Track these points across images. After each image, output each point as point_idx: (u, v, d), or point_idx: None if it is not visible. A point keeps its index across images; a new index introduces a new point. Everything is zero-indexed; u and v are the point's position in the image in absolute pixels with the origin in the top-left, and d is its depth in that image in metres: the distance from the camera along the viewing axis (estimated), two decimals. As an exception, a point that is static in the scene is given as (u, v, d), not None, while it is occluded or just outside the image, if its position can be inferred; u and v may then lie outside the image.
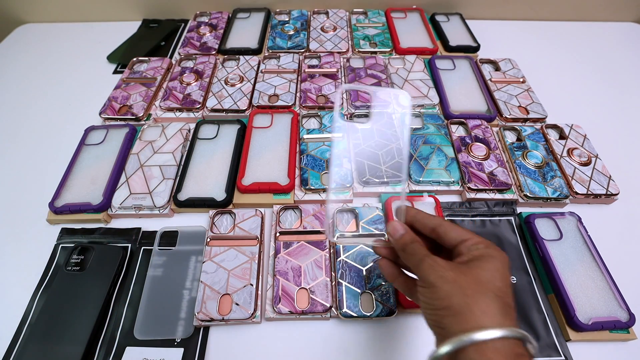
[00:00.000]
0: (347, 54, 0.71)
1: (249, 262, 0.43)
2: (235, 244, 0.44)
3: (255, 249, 0.44)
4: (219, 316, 0.38)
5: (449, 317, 0.24)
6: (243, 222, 0.46)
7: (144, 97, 0.61)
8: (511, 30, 0.81)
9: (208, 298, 0.40)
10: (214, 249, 0.44)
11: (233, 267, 0.42)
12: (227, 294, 0.40)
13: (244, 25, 0.77)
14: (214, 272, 0.42)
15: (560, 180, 0.50)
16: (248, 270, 0.42)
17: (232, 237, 0.45)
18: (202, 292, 0.40)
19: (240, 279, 0.41)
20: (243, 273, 0.42)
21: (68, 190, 0.49)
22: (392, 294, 0.40)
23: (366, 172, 0.50)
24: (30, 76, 0.72)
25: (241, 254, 0.43)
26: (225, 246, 0.44)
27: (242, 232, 0.45)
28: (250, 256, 0.43)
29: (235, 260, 0.43)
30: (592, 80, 0.70)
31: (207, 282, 0.41)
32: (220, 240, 0.45)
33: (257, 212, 0.47)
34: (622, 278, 0.41)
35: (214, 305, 0.39)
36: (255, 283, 0.41)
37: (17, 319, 0.40)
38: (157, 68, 0.67)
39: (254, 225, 0.46)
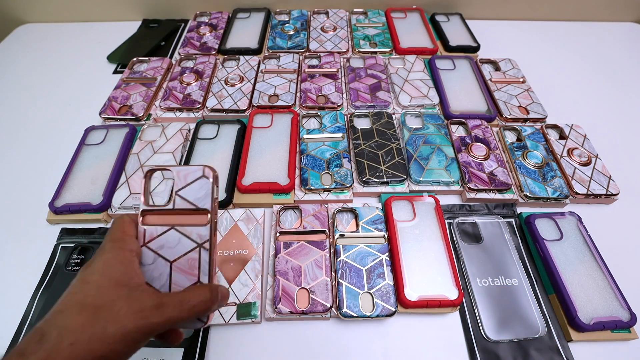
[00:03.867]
0: (347, 54, 0.71)
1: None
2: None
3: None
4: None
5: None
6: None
7: (144, 97, 0.61)
8: (511, 30, 0.81)
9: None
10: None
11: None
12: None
13: (244, 25, 0.77)
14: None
15: (560, 180, 0.50)
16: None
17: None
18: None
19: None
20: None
21: (68, 190, 0.49)
22: (392, 294, 0.40)
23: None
24: (30, 76, 0.72)
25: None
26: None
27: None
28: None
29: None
30: (592, 80, 0.70)
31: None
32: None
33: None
34: (622, 278, 0.41)
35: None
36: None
37: (17, 319, 0.40)
38: (157, 68, 0.67)
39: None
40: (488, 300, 0.41)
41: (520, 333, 0.39)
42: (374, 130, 0.55)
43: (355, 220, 0.46)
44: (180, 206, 0.30)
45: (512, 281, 0.42)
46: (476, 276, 0.43)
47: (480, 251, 0.45)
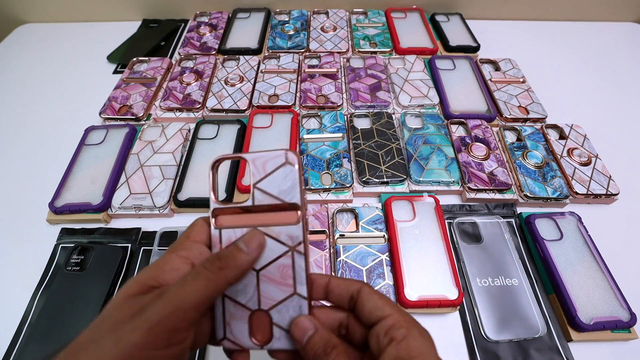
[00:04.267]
0: (347, 54, 0.71)
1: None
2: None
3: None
4: (250, 344, 0.27)
5: None
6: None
7: (144, 97, 0.61)
8: (511, 30, 0.81)
9: (232, 317, 0.27)
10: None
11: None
12: None
13: (244, 25, 0.77)
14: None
15: (560, 180, 0.50)
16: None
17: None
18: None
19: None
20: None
21: (68, 190, 0.49)
22: (392, 294, 0.40)
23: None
24: (30, 76, 0.72)
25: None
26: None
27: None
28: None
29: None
30: (592, 80, 0.70)
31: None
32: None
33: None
34: (623, 278, 0.41)
35: (243, 328, 0.27)
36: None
37: (17, 319, 0.40)
38: (157, 68, 0.67)
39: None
40: (488, 300, 0.41)
41: (520, 333, 0.39)
42: (374, 130, 0.55)
43: (355, 220, 0.46)
44: (262, 202, 0.25)
45: (512, 281, 0.42)
46: (476, 276, 0.43)
47: (480, 251, 0.45)
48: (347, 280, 0.24)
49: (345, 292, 0.24)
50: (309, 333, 0.22)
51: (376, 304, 0.22)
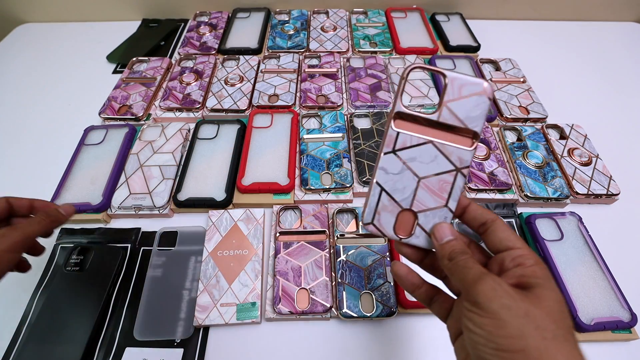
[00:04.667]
0: (347, 54, 0.71)
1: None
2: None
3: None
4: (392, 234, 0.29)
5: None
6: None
7: (143, 97, 0.61)
8: (511, 30, 0.81)
9: (384, 209, 0.29)
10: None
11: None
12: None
13: (243, 25, 0.77)
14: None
15: (561, 180, 0.50)
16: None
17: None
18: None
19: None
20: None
21: (67, 190, 0.49)
22: (392, 294, 0.40)
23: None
24: (30, 76, 0.72)
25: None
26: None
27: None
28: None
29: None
30: (592, 80, 0.70)
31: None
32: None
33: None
34: (623, 278, 0.41)
35: (390, 220, 0.28)
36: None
37: (17, 319, 0.40)
38: (156, 68, 0.67)
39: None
40: (488, 300, 0.41)
41: (521, 333, 0.39)
42: (374, 130, 0.55)
43: (356, 221, 0.46)
44: (447, 120, 0.26)
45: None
46: (476, 276, 0.43)
47: (480, 251, 0.45)
48: (485, 209, 0.27)
49: (481, 217, 0.27)
50: (450, 237, 0.26)
51: (509, 236, 0.25)
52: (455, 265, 0.24)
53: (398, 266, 0.29)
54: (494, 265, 0.25)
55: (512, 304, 0.21)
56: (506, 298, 0.21)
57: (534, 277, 0.22)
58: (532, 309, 0.21)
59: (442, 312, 0.27)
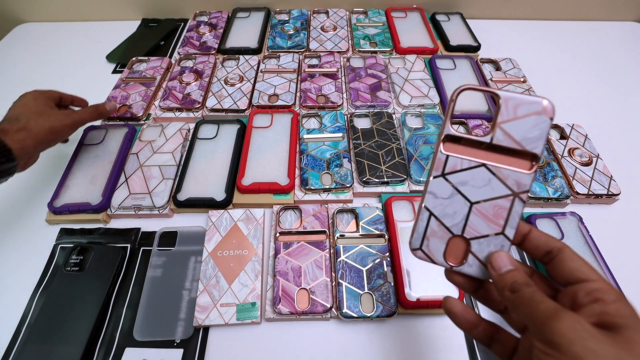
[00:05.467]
0: (347, 54, 0.71)
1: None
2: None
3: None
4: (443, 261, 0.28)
5: None
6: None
7: (143, 96, 0.61)
8: (512, 29, 0.81)
9: (433, 235, 0.28)
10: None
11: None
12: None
13: (243, 24, 0.77)
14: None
15: (561, 180, 0.50)
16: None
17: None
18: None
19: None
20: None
21: (67, 190, 0.49)
22: (392, 294, 0.40)
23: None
24: (29, 76, 0.71)
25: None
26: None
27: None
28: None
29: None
30: (593, 79, 0.70)
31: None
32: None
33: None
34: (623, 278, 0.41)
35: (440, 246, 0.27)
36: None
37: (16, 319, 0.40)
38: (156, 68, 0.67)
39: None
40: (489, 300, 0.41)
41: (521, 334, 0.39)
42: (374, 130, 0.55)
43: (356, 221, 0.46)
44: (501, 142, 0.24)
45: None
46: (477, 276, 0.43)
47: (480, 251, 0.45)
48: (549, 236, 0.25)
49: (545, 245, 0.24)
50: (510, 267, 0.24)
51: (580, 267, 0.22)
52: (520, 298, 0.22)
53: (452, 303, 0.26)
54: (564, 300, 0.22)
55: (598, 348, 0.18)
56: (591, 340, 0.18)
57: (619, 316, 0.20)
58: (623, 355, 0.18)
59: (505, 353, 0.25)
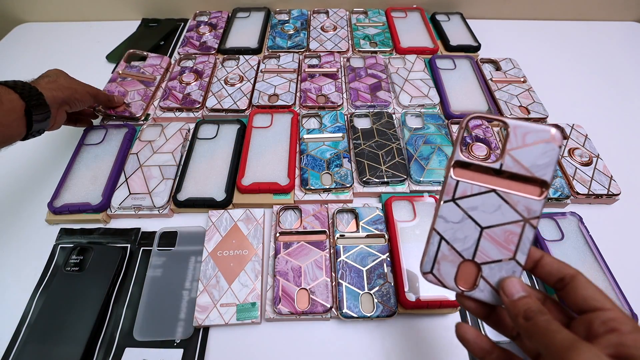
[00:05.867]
0: (348, 54, 0.71)
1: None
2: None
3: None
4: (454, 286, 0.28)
5: None
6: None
7: (142, 96, 0.61)
8: (512, 29, 0.80)
9: (444, 259, 0.28)
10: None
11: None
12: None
13: (243, 24, 0.77)
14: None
15: (561, 180, 0.50)
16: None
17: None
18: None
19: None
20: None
21: (67, 190, 0.49)
22: (392, 294, 0.40)
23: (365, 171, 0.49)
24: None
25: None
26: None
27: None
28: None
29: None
30: (593, 79, 0.70)
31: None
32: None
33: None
34: (624, 278, 0.41)
35: (451, 271, 0.28)
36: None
37: (16, 319, 0.40)
38: (155, 66, 0.66)
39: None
40: (489, 300, 0.41)
41: (521, 334, 0.39)
42: (374, 130, 0.55)
43: (356, 221, 0.46)
44: (511, 168, 0.25)
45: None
46: (477, 277, 0.43)
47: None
48: (561, 262, 0.25)
49: (557, 272, 0.24)
50: (522, 294, 0.24)
51: (594, 294, 0.22)
52: (534, 327, 0.22)
53: (465, 329, 0.26)
54: (579, 328, 0.22)
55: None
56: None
57: (637, 347, 0.19)
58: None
59: None
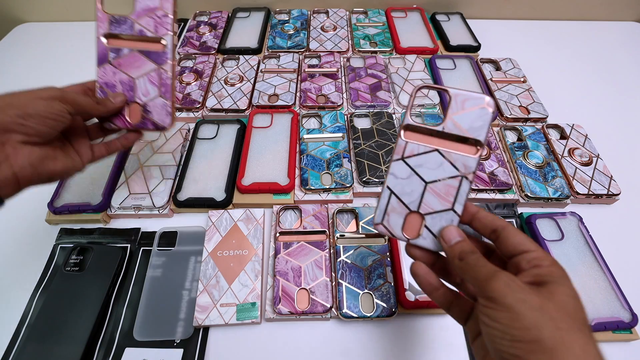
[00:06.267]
0: (347, 54, 0.71)
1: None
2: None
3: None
4: (401, 235, 0.30)
5: (537, 353, 0.20)
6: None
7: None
8: (512, 29, 0.80)
9: (393, 210, 0.31)
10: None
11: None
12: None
13: (243, 24, 0.77)
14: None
15: (561, 180, 0.50)
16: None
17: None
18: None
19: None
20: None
21: (67, 190, 0.49)
22: (392, 294, 0.40)
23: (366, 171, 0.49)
24: (29, 76, 0.71)
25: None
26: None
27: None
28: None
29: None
30: (593, 79, 0.70)
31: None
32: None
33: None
34: (624, 278, 0.41)
35: (398, 221, 0.30)
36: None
37: (16, 319, 0.40)
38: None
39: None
40: (489, 300, 0.41)
41: (521, 334, 0.39)
42: (374, 130, 0.55)
43: (356, 221, 0.46)
44: (451, 131, 0.29)
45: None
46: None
47: (480, 251, 0.45)
48: (494, 216, 0.28)
49: (491, 224, 0.27)
50: (458, 239, 0.27)
51: (522, 240, 0.25)
52: (466, 265, 0.25)
53: (417, 266, 0.29)
54: (511, 269, 0.25)
55: (526, 297, 0.22)
56: (520, 292, 0.22)
57: (549, 275, 0.23)
58: (546, 302, 0.21)
59: (461, 316, 0.28)
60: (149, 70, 0.39)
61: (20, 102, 0.30)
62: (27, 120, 0.30)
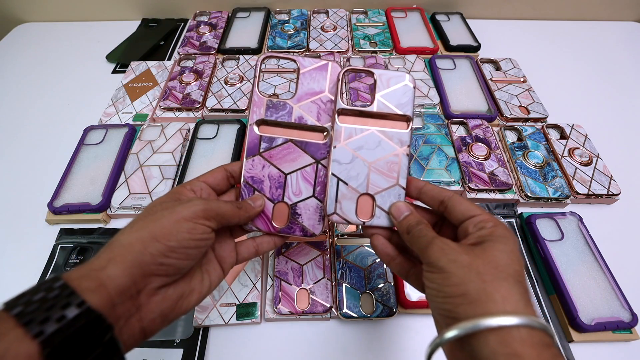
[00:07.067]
0: (347, 54, 0.71)
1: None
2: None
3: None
4: (356, 219, 0.30)
5: (464, 305, 0.22)
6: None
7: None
8: (512, 29, 0.80)
9: (344, 197, 0.31)
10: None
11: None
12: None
13: (243, 24, 0.77)
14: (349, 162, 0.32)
15: (561, 180, 0.50)
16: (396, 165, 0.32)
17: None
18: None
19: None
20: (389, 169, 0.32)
21: (67, 190, 0.49)
22: (392, 294, 0.40)
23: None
24: (29, 76, 0.71)
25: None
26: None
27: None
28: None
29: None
30: (593, 79, 0.70)
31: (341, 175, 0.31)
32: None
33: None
34: (624, 278, 0.41)
35: (351, 207, 0.30)
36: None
37: (16, 319, 0.40)
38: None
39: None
40: (489, 300, 0.41)
41: (521, 334, 0.39)
42: (374, 130, 0.55)
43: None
44: (382, 110, 0.31)
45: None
46: (477, 276, 0.43)
47: (480, 251, 0.45)
48: (440, 187, 0.29)
49: (438, 195, 0.28)
50: (406, 213, 0.29)
51: (468, 207, 0.27)
52: (412, 237, 0.27)
53: (375, 238, 0.30)
54: (460, 235, 0.27)
55: (457, 257, 0.24)
56: (452, 254, 0.24)
57: (489, 235, 0.25)
58: (474, 259, 0.23)
59: (419, 284, 0.29)
60: (304, 165, 0.32)
61: (163, 231, 0.23)
62: (170, 256, 0.24)
